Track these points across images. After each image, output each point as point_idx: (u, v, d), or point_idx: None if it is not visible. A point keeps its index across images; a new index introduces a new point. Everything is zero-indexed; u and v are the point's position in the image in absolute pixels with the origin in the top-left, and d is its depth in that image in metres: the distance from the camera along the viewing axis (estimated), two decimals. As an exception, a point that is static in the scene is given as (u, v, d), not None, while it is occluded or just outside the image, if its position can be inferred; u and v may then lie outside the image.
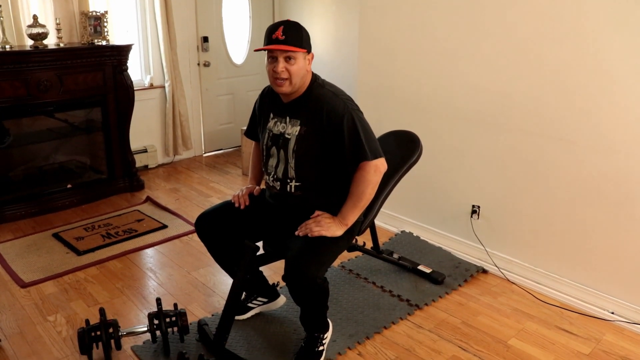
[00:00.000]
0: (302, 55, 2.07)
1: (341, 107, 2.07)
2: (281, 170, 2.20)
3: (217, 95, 5.45)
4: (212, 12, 5.21)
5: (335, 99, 2.10)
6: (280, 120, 2.20)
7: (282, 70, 2.04)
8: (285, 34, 2.02)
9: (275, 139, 2.21)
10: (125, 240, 3.48)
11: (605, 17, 2.46)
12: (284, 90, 2.09)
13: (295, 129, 2.13)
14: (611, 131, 2.54)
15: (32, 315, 2.66)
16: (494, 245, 3.15)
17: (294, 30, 2.05)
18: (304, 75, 2.10)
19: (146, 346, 2.39)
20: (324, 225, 2.10)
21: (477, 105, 3.05)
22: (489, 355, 2.39)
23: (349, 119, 2.06)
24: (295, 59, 2.04)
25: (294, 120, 2.15)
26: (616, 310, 2.67)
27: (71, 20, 4.12)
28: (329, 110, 2.07)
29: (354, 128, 2.06)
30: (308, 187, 2.18)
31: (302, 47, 2.05)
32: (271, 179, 2.26)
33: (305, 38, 2.09)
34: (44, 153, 4.20)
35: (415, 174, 2.90)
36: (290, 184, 2.18)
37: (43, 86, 3.69)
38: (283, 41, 2.02)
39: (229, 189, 4.53)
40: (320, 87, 2.15)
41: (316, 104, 2.11)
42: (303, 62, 2.07)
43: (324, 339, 2.33)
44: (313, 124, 2.11)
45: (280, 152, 2.18)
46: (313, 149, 2.12)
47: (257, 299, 2.63)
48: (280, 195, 2.24)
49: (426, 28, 3.20)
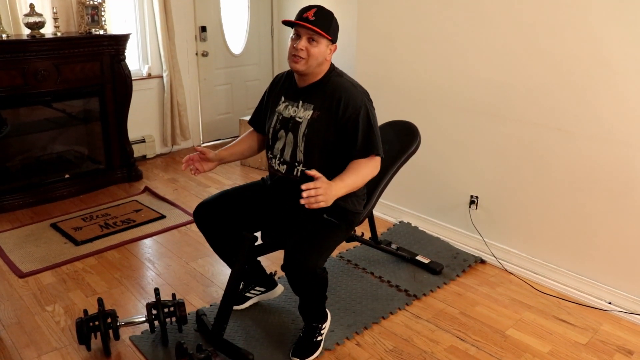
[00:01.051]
0: (326, 42, 2.09)
1: (359, 99, 2.11)
2: (288, 153, 2.19)
3: (215, 85, 5.43)
4: (210, 2, 5.17)
5: (354, 89, 2.14)
6: (292, 104, 2.21)
7: (301, 49, 2.06)
8: (316, 16, 2.06)
9: (284, 122, 2.21)
10: (124, 230, 3.48)
11: (605, 7, 2.45)
12: (298, 67, 2.10)
13: (308, 112, 2.15)
14: (610, 121, 2.54)
15: (31, 305, 2.67)
16: (492, 235, 3.15)
17: (326, 16, 2.09)
18: (322, 62, 2.12)
19: (144, 336, 2.40)
20: (325, 196, 1.90)
21: (476, 96, 3.04)
22: (487, 345, 2.40)
23: (365, 111, 2.09)
24: (318, 42, 2.07)
25: (307, 104, 2.16)
26: (613, 300, 2.68)
27: (68, 9, 4.09)
28: (347, 100, 2.10)
29: (369, 121, 2.10)
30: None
31: (329, 34, 2.08)
32: (277, 162, 2.24)
33: (334, 27, 2.12)
34: (42, 143, 4.18)
35: (414, 165, 2.90)
36: (297, 168, 2.18)
37: (40, 76, 3.67)
38: (312, 22, 2.05)
39: (228, 179, 4.52)
40: (338, 76, 2.18)
41: (333, 91, 2.13)
42: (325, 48, 2.09)
43: (323, 329, 2.34)
44: (327, 110, 2.12)
45: (289, 136, 2.18)
46: (323, 134, 2.13)
47: (254, 288, 2.64)
48: (284, 180, 2.23)
49: (425, 17, 3.18)
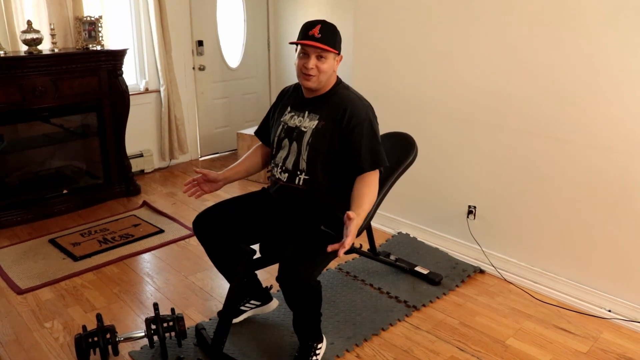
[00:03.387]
0: (333, 55, 2.13)
1: (364, 112, 2.16)
2: (291, 161, 2.20)
3: (212, 99, 5.45)
4: (207, 16, 5.21)
5: (360, 103, 2.19)
6: (298, 114, 2.24)
7: (312, 67, 2.10)
8: (322, 33, 2.09)
9: (289, 132, 2.23)
10: (122, 245, 3.48)
11: (598, 17, 2.47)
12: (311, 85, 2.14)
13: (313, 122, 2.18)
14: (605, 130, 2.55)
15: (29, 321, 2.65)
16: (490, 245, 3.15)
17: (331, 30, 2.12)
18: (331, 75, 2.18)
19: (144, 351, 2.39)
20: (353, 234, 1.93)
21: (472, 106, 3.05)
22: (487, 356, 2.39)
23: (369, 124, 2.15)
24: (327, 58, 2.11)
25: (313, 114, 2.20)
26: (613, 308, 2.68)
27: (65, 26, 4.12)
28: (352, 112, 2.14)
29: (372, 135, 2.15)
30: (315, 183, 2.18)
31: (335, 48, 2.13)
32: (278, 171, 2.25)
33: (339, 40, 2.16)
34: (40, 158, 4.19)
35: (411, 176, 2.91)
36: (299, 176, 2.19)
37: (38, 92, 3.68)
38: (319, 39, 2.08)
39: (226, 192, 4.52)
40: (345, 89, 2.24)
41: (339, 103, 2.17)
42: (332, 62, 2.14)
43: (318, 349, 2.29)
44: (332, 121, 2.15)
45: (293, 145, 2.21)
46: (327, 144, 2.15)
47: (250, 302, 2.62)
48: (286, 188, 2.23)
49: (420, 30, 3.21)
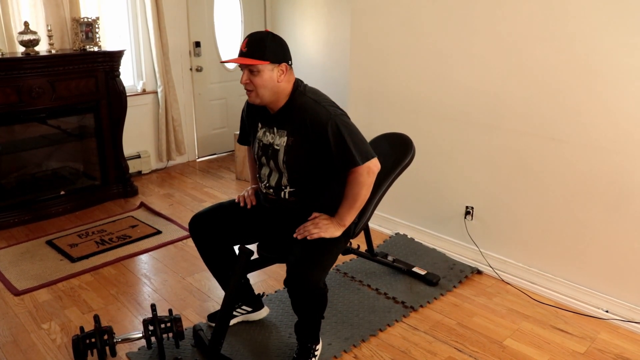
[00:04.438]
0: (268, 67, 2.01)
1: (324, 115, 2.03)
2: (274, 179, 2.20)
3: (209, 100, 5.45)
4: (204, 17, 5.21)
5: (317, 106, 2.06)
6: (269, 131, 2.19)
7: (246, 82, 2.05)
8: (248, 47, 2.01)
9: (265, 149, 2.20)
10: (120, 246, 3.47)
11: (594, 17, 2.48)
12: (253, 100, 2.10)
13: (283, 139, 2.12)
14: (602, 130, 2.56)
15: (26, 323, 2.65)
16: (488, 245, 3.16)
17: (258, 42, 2.01)
18: (274, 87, 2.05)
19: (141, 352, 2.39)
20: (322, 227, 2.10)
21: (469, 107, 3.06)
22: (485, 356, 2.40)
23: (333, 126, 2.01)
24: (259, 71, 2.01)
25: (281, 131, 2.13)
26: (610, 308, 2.68)
27: (62, 27, 4.11)
28: (312, 120, 2.03)
29: (340, 135, 2.01)
30: (302, 192, 2.18)
31: (265, 59, 1.99)
32: (264, 187, 2.26)
33: (272, 49, 2.02)
34: (37, 160, 4.18)
35: (409, 176, 2.91)
36: (284, 191, 2.18)
37: (35, 93, 3.68)
38: (245, 53, 2.02)
39: (223, 193, 4.52)
40: (301, 96, 2.10)
41: (299, 114, 2.07)
42: (270, 73, 2.02)
43: (316, 351, 2.31)
44: (299, 135, 2.08)
45: (271, 162, 2.18)
46: (303, 158, 2.11)
47: (241, 307, 2.60)
48: (276, 201, 2.24)
49: (417, 30, 3.22)
